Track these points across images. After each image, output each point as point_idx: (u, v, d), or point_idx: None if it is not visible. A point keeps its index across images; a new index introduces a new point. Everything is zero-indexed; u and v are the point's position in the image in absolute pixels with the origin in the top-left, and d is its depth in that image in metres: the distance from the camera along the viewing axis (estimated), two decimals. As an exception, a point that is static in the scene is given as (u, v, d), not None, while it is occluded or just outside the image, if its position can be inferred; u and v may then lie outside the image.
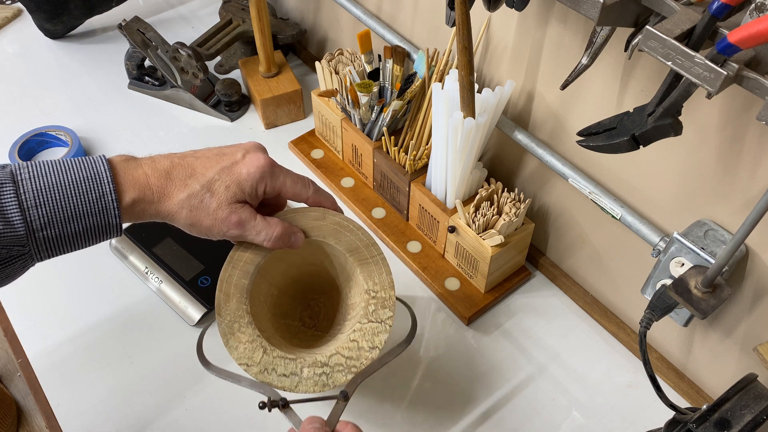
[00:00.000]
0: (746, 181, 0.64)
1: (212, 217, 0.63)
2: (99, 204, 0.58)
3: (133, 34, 1.11)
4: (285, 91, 1.11)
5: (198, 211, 0.62)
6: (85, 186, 0.58)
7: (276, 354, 0.64)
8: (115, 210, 0.59)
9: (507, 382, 0.84)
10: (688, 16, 0.52)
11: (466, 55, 0.74)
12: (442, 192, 0.89)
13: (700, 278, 0.62)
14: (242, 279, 0.67)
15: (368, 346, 0.65)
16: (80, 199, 0.57)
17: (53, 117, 1.14)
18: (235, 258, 0.68)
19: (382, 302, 0.67)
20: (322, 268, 0.75)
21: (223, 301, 0.66)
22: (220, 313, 0.66)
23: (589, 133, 0.63)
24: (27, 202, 0.56)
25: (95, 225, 0.59)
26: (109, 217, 0.59)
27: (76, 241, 0.59)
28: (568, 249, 0.91)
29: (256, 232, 0.65)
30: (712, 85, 0.50)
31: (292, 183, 0.67)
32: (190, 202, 0.62)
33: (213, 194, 0.62)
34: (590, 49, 0.64)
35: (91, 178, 0.58)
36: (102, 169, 0.59)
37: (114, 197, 0.59)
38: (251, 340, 0.65)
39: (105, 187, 0.58)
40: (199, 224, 0.63)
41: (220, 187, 0.63)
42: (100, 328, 0.87)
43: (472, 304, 0.89)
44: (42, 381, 0.82)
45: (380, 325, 0.66)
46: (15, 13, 1.34)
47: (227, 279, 0.67)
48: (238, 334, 0.65)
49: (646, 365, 0.62)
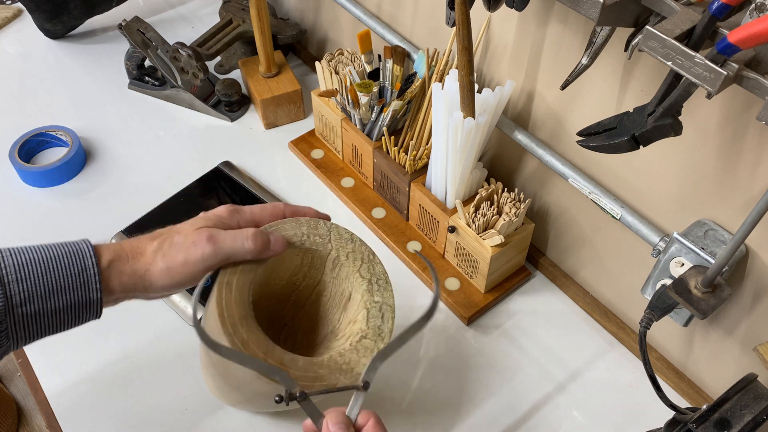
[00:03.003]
0: (746, 181, 0.64)
1: (183, 248, 0.61)
2: (81, 277, 0.58)
3: (133, 34, 1.11)
4: (285, 91, 1.11)
5: (169, 251, 0.61)
6: (66, 260, 0.58)
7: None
8: (97, 284, 0.59)
9: (507, 382, 0.84)
10: (688, 16, 0.52)
11: (466, 55, 0.74)
12: (442, 192, 0.89)
13: (700, 278, 0.62)
14: (241, 306, 0.62)
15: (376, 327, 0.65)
16: (62, 273, 0.58)
17: (53, 117, 1.14)
18: (224, 283, 0.63)
19: (381, 288, 0.67)
20: (294, 279, 0.73)
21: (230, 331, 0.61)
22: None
23: (589, 133, 0.63)
24: (8, 276, 0.56)
25: (77, 301, 0.58)
26: (91, 292, 0.59)
27: (56, 318, 0.58)
28: (568, 249, 0.91)
29: (231, 239, 0.62)
30: (712, 85, 0.50)
31: (260, 209, 0.68)
32: (162, 247, 0.61)
33: (180, 232, 0.63)
34: (590, 49, 0.64)
35: (73, 254, 0.58)
36: (85, 246, 0.59)
37: (96, 270, 0.59)
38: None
39: (87, 260, 0.59)
40: (174, 263, 0.61)
41: (186, 226, 0.64)
42: (100, 328, 0.87)
43: (472, 304, 0.89)
44: (42, 381, 0.82)
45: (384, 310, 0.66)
46: (15, 13, 1.34)
47: (227, 308, 0.62)
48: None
49: (646, 365, 0.62)
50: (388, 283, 0.69)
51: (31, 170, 1.02)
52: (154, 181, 1.04)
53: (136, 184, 1.04)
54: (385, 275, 0.69)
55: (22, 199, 1.02)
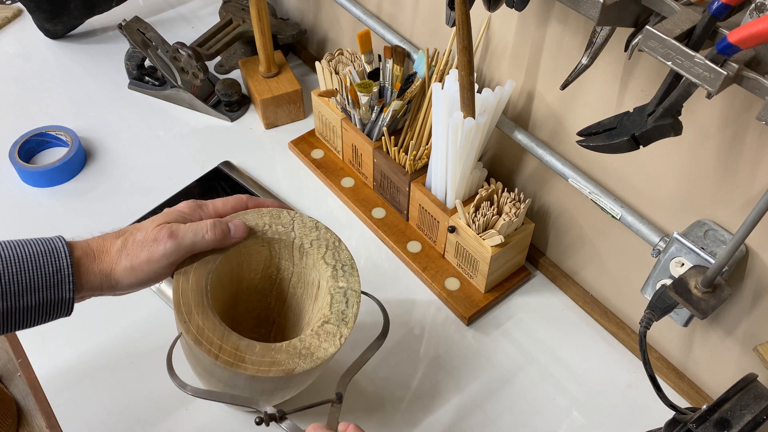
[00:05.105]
0: (746, 181, 0.64)
1: (145, 245, 0.62)
2: (56, 277, 0.59)
3: (133, 34, 1.11)
4: (285, 91, 1.11)
5: (132, 249, 0.62)
6: (43, 259, 0.59)
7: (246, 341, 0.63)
8: (71, 284, 0.59)
9: (507, 382, 0.84)
10: (688, 16, 0.52)
11: (466, 55, 0.74)
12: (442, 192, 0.89)
13: (700, 278, 0.62)
14: (197, 294, 0.64)
15: (339, 312, 0.65)
16: (38, 272, 0.58)
17: (53, 117, 1.14)
18: (182, 273, 0.64)
19: (346, 274, 0.68)
20: (269, 272, 0.73)
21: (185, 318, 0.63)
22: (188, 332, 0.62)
23: (589, 133, 0.63)
24: None
25: (49, 300, 0.59)
26: (64, 291, 0.59)
27: (26, 315, 0.59)
28: (568, 249, 0.91)
29: (192, 233, 0.64)
30: (712, 85, 0.50)
31: (222, 203, 0.69)
32: (125, 246, 0.62)
33: (141, 230, 0.64)
34: (590, 49, 0.64)
35: (49, 253, 0.59)
36: (60, 246, 0.60)
37: (70, 271, 0.59)
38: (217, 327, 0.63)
39: (63, 261, 0.59)
40: (137, 260, 0.62)
41: (147, 223, 0.64)
42: (100, 328, 0.87)
43: (472, 304, 0.89)
44: (42, 381, 0.82)
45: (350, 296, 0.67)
46: (15, 13, 1.34)
47: (184, 302, 0.63)
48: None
49: (646, 365, 0.62)
50: (354, 268, 0.69)
51: (31, 170, 1.02)
52: (154, 181, 1.04)
53: (136, 184, 1.04)
54: (351, 261, 0.69)
55: (22, 199, 1.02)
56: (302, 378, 0.64)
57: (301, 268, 0.72)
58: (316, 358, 0.62)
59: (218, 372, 0.63)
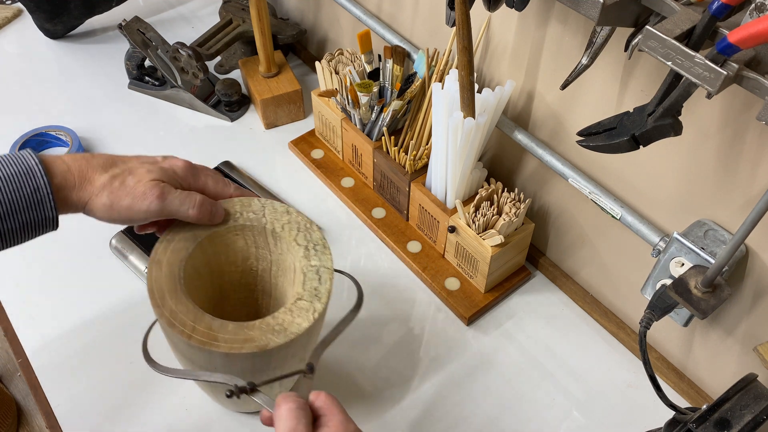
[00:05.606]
0: (746, 181, 0.64)
1: (132, 194, 0.62)
2: (35, 197, 0.58)
3: (133, 34, 1.11)
4: (285, 91, 1.11)
5: (118, 191, 0.62)
6: (19, 181, 0.58)
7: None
8: (51, 203, 0.59)
9: (507, 382, 0.84)
10: (688, 16, 0.52)
11: (466, 55, 0.75)
12: (442, 192, 0.89)
13: (700, 278, 0.62)
14: (171, 281, 0.65)
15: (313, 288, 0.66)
16: (15, 194, 0.58)
17: (53, 117, 1.14)
18: (155, 261, 0.65)
19: (318, 253, 0.68)
20: (249, 264, 0.74)
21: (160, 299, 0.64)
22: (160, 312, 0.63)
23: (589, 133, 0.63)
24: None
25: (32, 220, 0.59)
26: (45, 210, 0.59)
27: (12, 236, 0.59)
28: (568, 249, 0.91)
29: (179, 202, 0.64)
30: (712, 85, 0.50)
31: (213, 183, 0.69)
32: (112, 184, 0.62)
33: (134, 175, 0.63)
34: (590, 49, 0.64)
35: (23, 173, 0.58)
36: (33, 162, 0.59)
37: (49, 190, 0.59)
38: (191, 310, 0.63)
39: (39, 180, 0.59)
40: (118, 204, 0.62)
41: (142, 170, 0.64)
42: (100, 328, 0.87)
43: (472, 304, 0.89)
44: (42, 381, 0.82)
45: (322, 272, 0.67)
46: (15, 13, 1.34)
47: (155, 278, 0.64)
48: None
49: (646, 365, 0.62)
50: (327, 248, 0.69)
51: (31, 170, 1.02)
52: (154, 181, 1.04)
53: (136, 184, 1.04)
54: (323, 241, 0.69)
55: (22, 199, 1.02)
56: (280, 355, 0.64)
57: (278, 255, 0.72)
58: (290, 333, 0.62)
59: (194, 355, 0.63)
